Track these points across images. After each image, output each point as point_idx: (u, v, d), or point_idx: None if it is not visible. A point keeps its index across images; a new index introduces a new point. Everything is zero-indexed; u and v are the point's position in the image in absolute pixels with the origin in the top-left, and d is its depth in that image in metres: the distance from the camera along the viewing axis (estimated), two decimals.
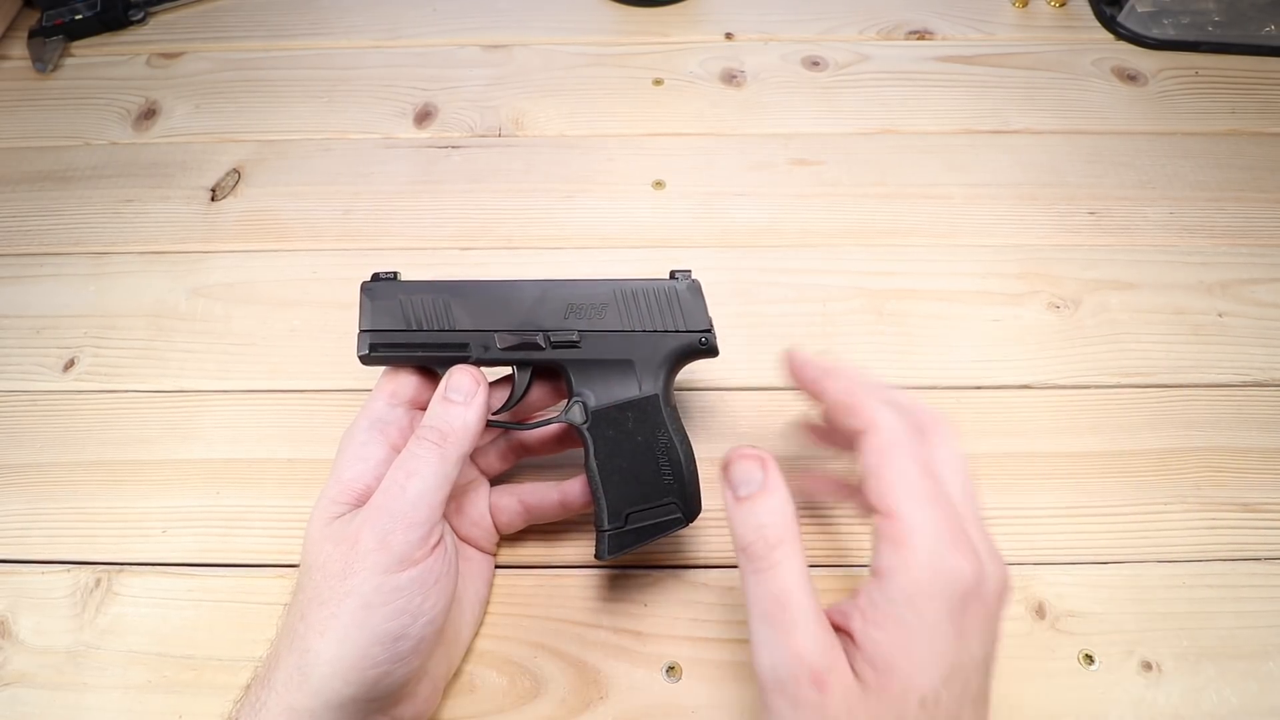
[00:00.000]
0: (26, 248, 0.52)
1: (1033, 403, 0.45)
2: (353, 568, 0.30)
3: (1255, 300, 0.49)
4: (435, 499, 0.31)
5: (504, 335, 0.35)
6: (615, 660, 0.37)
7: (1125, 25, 0.63)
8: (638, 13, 0.65)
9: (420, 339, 0.35)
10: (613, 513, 0.35)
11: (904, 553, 0.26)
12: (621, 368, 0.35)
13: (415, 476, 0.31)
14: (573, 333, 0.35)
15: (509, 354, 0.35)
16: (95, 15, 0.62)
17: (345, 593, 0.29)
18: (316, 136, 0.57)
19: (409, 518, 0.30)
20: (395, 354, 0.35)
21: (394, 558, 0.30)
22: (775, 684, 0.26)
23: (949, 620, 0.26)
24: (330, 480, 0.33)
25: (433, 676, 0.34)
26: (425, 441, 0.32)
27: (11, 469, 0.43)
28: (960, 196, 0.54)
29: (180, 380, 0.46)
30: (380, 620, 0.29)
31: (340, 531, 0.31)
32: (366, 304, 0.35)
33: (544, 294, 0.36)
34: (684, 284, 0.37)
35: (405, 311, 0.35)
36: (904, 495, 0.28)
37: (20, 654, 0.37)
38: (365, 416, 0.35)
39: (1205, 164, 0.55)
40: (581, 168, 0.55)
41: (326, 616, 0.29)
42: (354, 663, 0.29)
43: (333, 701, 0.29)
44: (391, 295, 0.35)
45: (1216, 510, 0.41)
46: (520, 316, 0.35)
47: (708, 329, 0.36)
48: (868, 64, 0.61)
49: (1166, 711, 0.36)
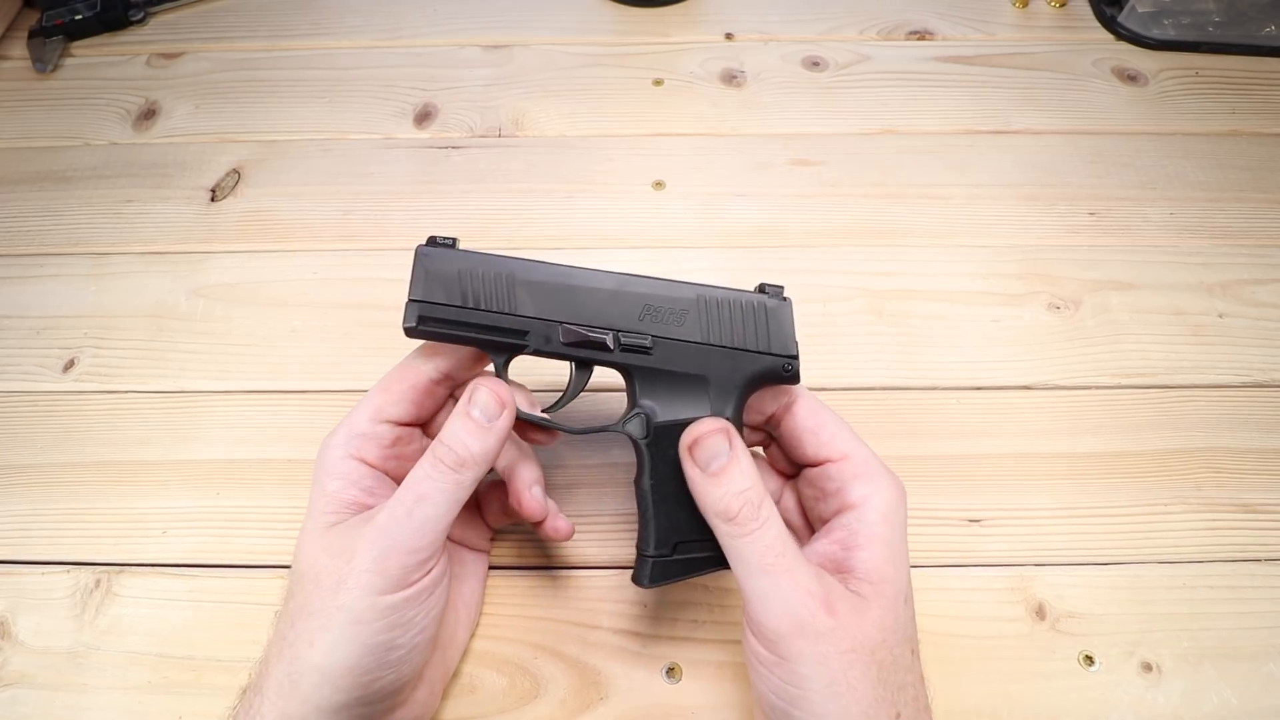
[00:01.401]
0: (26, 248, 0.52)
1: (1033, 403, 0.45)
2: (345, 584, 0.29)
3: (1255, 300, 0.49)
4: (440, 525, 0.30)
5: (570, 329, 0.32)
6: (615, 661, 0.37)
7: (1125, 25, 0.63)
8: (638, 13, 0.65)
9: (476, 318, 0.31)
10: (661, 539, 0.32)
11: (874, 481, 0.32)
12: (694, 384, 0.32)
13: (425, 501, 0.30)
14: (646, 337, 0.32)
15: (572, 350, 0.32)
16: (95, 15, 0.62)
17: (336, 607, 0.29)
18: (316, 136, 0.57)
19: (410, 543, 0.29)
20: (445, 330, 0.31)
21: (389, 581, 0.29)
22: (794, 627, 0.28)
23: (905, 525, 0.32)
24: (314, 490, 0.32)
25: (429, 680, 0.34)
26: (441, 465, 0.30)
27: (12, 469, 0.43)
28: (961, 196, 0.54)
29: (180, 380, 0.46)
30: (370, 634, 0.29)
31: (336, 541, 0.30)
32: (420, 271, 0.31)
33: (620, 289, 0.32)
34: (774, 301, 0.34)
35: (463, 285, 0.31)
36: (849, 439, 0.33)
37: (20, 654, 0.37)
38: (345, 429, 0.33)
39: (1205, 164, 0.55)
40: (581, 168, 0.55)
41: (316, 628, 0.29)
42: (344, 671, 0.28)
43: (324, 708, 0.28)
44: (449, 265, 0.31)
45: (1217, 511, 0.41)
46: (591, 311, 0.32)
47: (794, 355, 0.34)
48: (868, 64, 0.61)
49: (1166, 712, 0.36)
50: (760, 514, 0.30)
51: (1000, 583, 0.39)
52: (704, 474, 0.30)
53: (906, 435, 0.44)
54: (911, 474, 0.42)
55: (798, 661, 0.28)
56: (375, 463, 0.33)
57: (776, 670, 0.28)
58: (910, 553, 0.40)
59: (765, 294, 0.34)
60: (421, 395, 0.34)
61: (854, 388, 0.45)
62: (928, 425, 0.44)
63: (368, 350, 0.47)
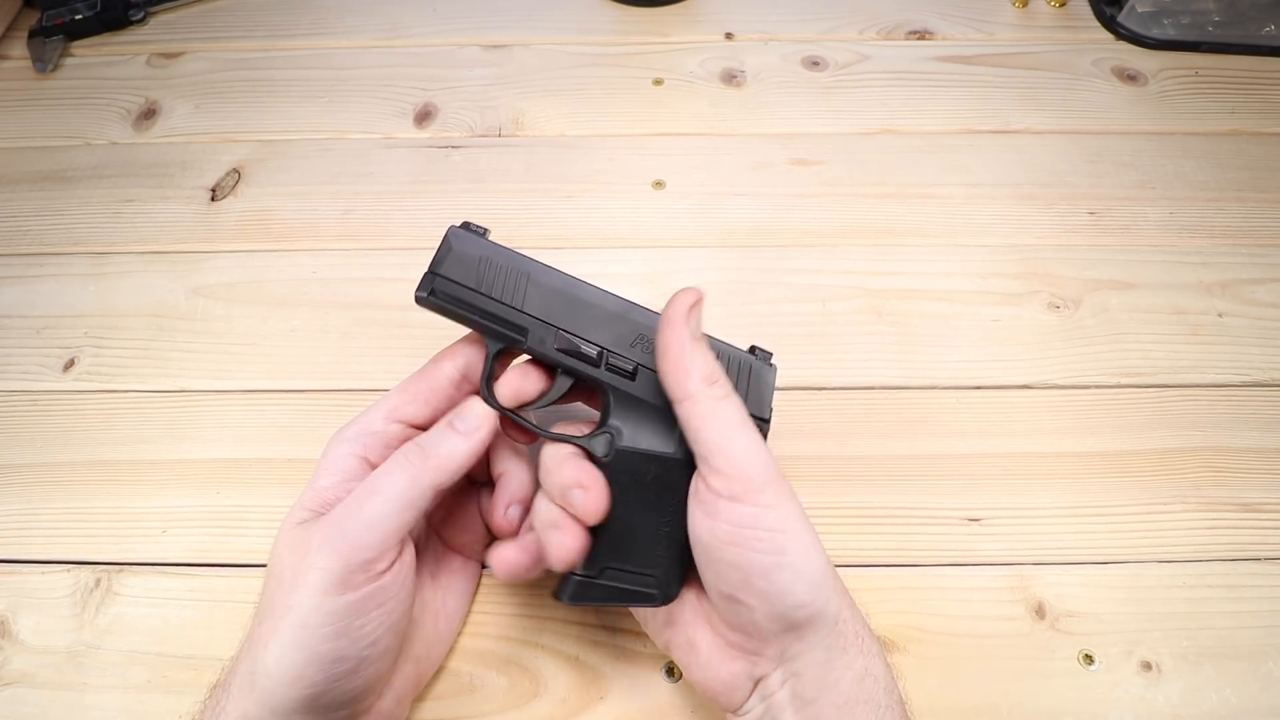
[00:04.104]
0: (27, 248, 0.52)
1: (1033, 403, 0.45)
2: (297, 581, 0.28)
3: (1255, 300, 0.49)
4: (392, 524, 0.29)
5: (564, 336, 0.33)
6: (615, 660, 0.37)
7: (1125, 25, 0.63)
8: (638, 13, 0.65)
9: (485, 304, 0.33)
10: (591, 560, 0.32)
11: None
12: (664, 418, 0.33)
13: (377, 495, 0.29)
14: (632, 363, 0.33)
15: (562, 357, 0.33)
16: (95, 15, 0.62)
17: (287, 607, 0.28)
18: (316, 136, 0.57)
19: (359, 539, 0.29)
20: (453, 307, 0.33)
21: (334, 579, 0.28)
22: (775, 474, 0.30)
23: None
24: (308, 485, 0.32)
25: (396, 691, 0.33)
26: (401, 459, 0.30)
27: (11, 469, 0.43)
28: (960, 196, 0.54)
29: (180, 380, 0.46)
30: (317, 641, 0.28)
31: (299, 539, 0.30)
32: (448, 249, 0.33)
33: (621, 313, 0.34)
34: (760, 364, 0.35)
35: (481, 270, 0.33)
36: None
37: (20, 654, 0.37)
38: (357, 425, 0.33)
39: (1205, 164, 0.55)
40: (581, 168, 0.55)
41: (269, 629, 0.28)
42: (291, 679, 0.28)
43: (280, 709, 0.28)
44: (474, 249, 0.33)
45: (1216, 510, 0.41)
46: (589, 325, 0.33)
47: (767, 419, 0.35)
48: (868, 64, 0.61)
49: (1166, 711, 0.36)
50: (727, 382, 0.31)
51: (1000, 582, 0.39)
52: (694, 338, 0.31)
53: (906, 435, 0.44)
54: (911, 473, 0.42)
55: (781, 503, 0.29)
56: (378, 462, 0.32)
57: (762, 521, 0.29)
58: (910, 551, 0.40)
59: (755, 355, 0.35)
60: (438, 397, 0.34)
61: (853, 387, 0.45)
62: (927, 425, 0.44)
63: (368, 350, 0.47)
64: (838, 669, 0.29)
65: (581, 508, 0.31)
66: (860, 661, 0.30)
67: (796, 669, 0.29)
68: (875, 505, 0.41)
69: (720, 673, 0.31)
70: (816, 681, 0.29)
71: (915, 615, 0.38)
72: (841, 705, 0.29)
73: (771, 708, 0.30)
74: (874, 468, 0.43)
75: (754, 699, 0.30)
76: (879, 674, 0.30)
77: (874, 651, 0.30)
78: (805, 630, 0.29)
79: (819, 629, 0.29)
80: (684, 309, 0.31)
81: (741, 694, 0.31)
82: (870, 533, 0.40)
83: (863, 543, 0.40)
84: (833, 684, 0.29)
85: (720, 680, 0.31)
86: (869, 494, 0.42)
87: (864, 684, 0.29)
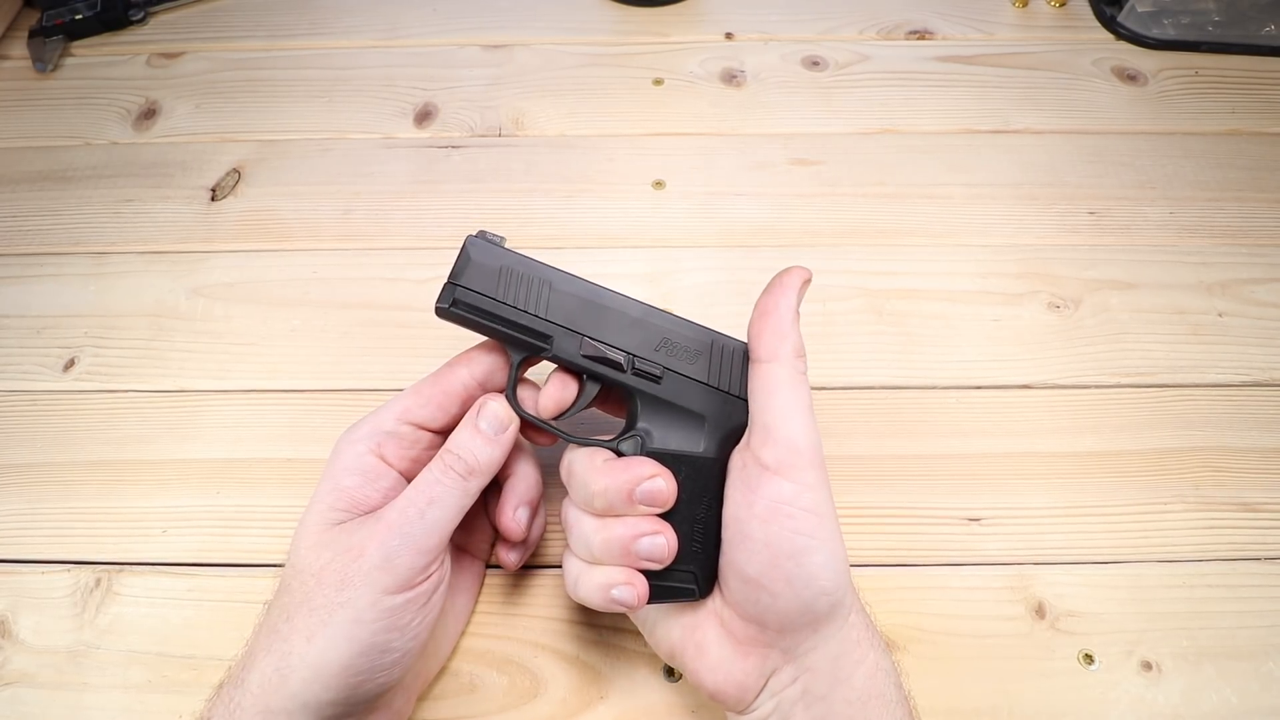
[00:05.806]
0: (26, 248, 0.52)
1: (1033, 403, 0.45)
2: (351, 580, 0.29)
3: (1255, 300, 0.49)
4: (447, 530, 0.31)
5: (590, 343, 0.33)
6: (615, 660, 0.37)
7: (1125, 25, 0.63)
8: (638, 13, 0.65)
9: (507, 313, 0.33)
10: None
11: None
12: (693, 420, 0.33)
13: (436, 505, 0.31)
14: (659, 367, 0.33)
15: (588, 363, 0.33)
16: (95, 15, 0.62)
17: (340, 604, 0.29)
18: (316, 136, 0.57)
19: (420, 544, 0.30)
20: (475, 317, 0.33)
21: (396, 580, 0.30)
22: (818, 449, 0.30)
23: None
24: (325, 484, 0.32)
25: (406, 687, 0.34)
26: (451, 472, 0.31)
27: (11, 469, 0.43)
28: (960, 196, 0.54)
29: (180, 380, 0.46)
30: (369, 634, 0.29)
31: (341, 540, 0.31)
32: (466, 258, 0.33)
33: (644, 318, 0.34)
34: None
35: (502, 281, 0.33)
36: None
37: (20, 654, 0.37)
38: (369, 425, 0.33)
39: (1205, 164, 0.55)
40: (581, 168, 0.55)
41: (316, 623, 0.29)
42: (337, 670, 0.29)
43: (310, 705, 0.29)
44: (494, 259, 0.33)
45: (1216, 510, 0.41)
46: (614, 331, 0.33)
47: None
48: (868, 64, 0.61)
49: (1166, 711, 0.36)
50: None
51: (999, 582, 0.39)
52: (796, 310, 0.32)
53: (906, 434, 0.44)
54: (911, 473, 0.42)
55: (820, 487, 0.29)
56: (393, 462, 0.33)
57: (800, 499, 0.29)
58: (910, 551, 0.40)
59: None
60: (451, 402, 0.34)
61: (853, 387, 0.45)
62: (927, 424, 0.44)
63: (367, 350, 0.47)
64: (850, 664, 0.29)
65: (667, 494, 0.31)
66: (872, 656, 0.30)
67: (809, 664, 0.29)
68: (875, 505, 0.41)
69: (733, 672, 0.31)
70: (829, 677, 0.29)
71: (915, 615, 0.38)
72: (854, 700, 0.29)
73: (782, 704, 0.30)
74: (874, 468, 0.43)
75: (764, 696, 0.31)
76: (888, 669, 0.30)
77: (882, 647, 0.31)
78: (822, 623, 0.29)
79: (835, 621, 0.29)
80: (798, 280, 0.32)
81: (752, 693, 0.31)
82: (870, 532, 0.40)
83: (863, 542, 0.40)
84: (845, 679, 0.29)
85: (733, 681, 0.31)
86: (869, 494, 0.42)
87: (875, 679, 0.29)
